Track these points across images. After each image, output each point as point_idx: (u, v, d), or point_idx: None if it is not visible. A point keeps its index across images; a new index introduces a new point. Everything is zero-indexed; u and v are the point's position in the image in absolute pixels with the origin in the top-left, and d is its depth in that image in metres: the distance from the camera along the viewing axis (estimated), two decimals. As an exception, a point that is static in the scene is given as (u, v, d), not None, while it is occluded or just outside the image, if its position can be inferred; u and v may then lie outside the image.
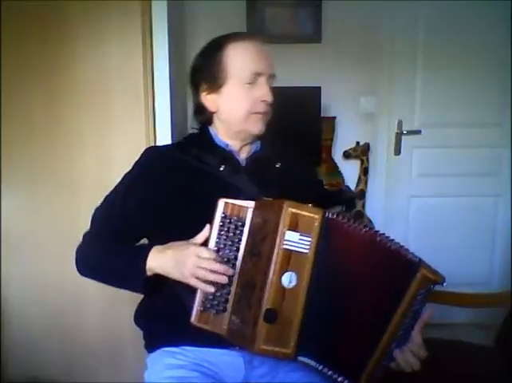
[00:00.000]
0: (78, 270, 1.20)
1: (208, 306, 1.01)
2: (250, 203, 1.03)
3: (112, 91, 1.82)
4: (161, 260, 1.05)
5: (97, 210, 1.22)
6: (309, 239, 0.92)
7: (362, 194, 2.60)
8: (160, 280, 1.08)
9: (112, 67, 1.81)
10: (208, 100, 1.19)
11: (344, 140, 2.69)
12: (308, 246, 0.92)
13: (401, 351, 0.98)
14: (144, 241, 1.21)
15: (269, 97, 1.16)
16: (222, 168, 1.16)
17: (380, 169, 2.78)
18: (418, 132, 2.73)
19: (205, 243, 1.03)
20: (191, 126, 2.43)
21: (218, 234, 1.02)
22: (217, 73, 1.16)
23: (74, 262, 1.19)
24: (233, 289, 1.00)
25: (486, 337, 1.72)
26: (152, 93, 1.86)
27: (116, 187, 1.21)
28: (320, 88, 2.43)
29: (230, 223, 1.02)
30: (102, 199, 1.21)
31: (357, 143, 2.67)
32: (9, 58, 1.77)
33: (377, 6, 2.60)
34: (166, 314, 1.13)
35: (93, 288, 1.86)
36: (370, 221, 2.56)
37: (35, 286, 1.89)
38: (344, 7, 2.61)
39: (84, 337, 1.93)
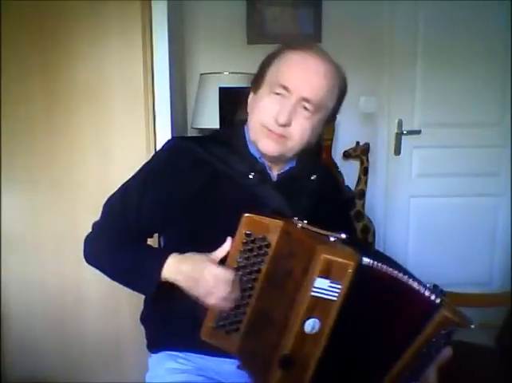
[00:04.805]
0: (85, 258, 1.14)
1: (221, 323, 0.97)
2: (279, 223, 0.94)
3: (112, 91, 1.82)
4: (176, 275, 0.99)
5: (111, 199, 1.15)
6: (340, 287, 0.84)
7: (362, 194, 2.60)
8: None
9: (112, 67, 1.81)
10: (249, 99, 1.15)
11: (344, 140, 2.68)
12: (337, 294, 0.85)
13: None
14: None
15: (281, 117, 1.03)
16: (251, 176, 1.07)
17: (380, 169, 2.77)
18: (418, 132, 2.73)
19: (224, 258, 0.97)
20: (192, 126, 2.45)
21: (240, 251, 0.95)
22: (259, 75, 1.12)
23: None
24: (248, 310, 0.96)
25: (486, 337, 1.72)
26: (152, 93, 1.86)
27: (133, 177, 1.14)
28: (320, 88, 2.42)
29: (253, 241, 0.94)
30: (118, 188, 1.15)
31: (357, 143, 2.66)
32: (9, 58, 1.77)
33: (377, 6, 2.60)
34: (174, 318, 1.09)
35: (93, 288, 1.87)
36: (370, 221, 2.56)
37: (35, 286, 1.89)
38: (344, 7, 2.60)
39: (84, 338, 1.93)
